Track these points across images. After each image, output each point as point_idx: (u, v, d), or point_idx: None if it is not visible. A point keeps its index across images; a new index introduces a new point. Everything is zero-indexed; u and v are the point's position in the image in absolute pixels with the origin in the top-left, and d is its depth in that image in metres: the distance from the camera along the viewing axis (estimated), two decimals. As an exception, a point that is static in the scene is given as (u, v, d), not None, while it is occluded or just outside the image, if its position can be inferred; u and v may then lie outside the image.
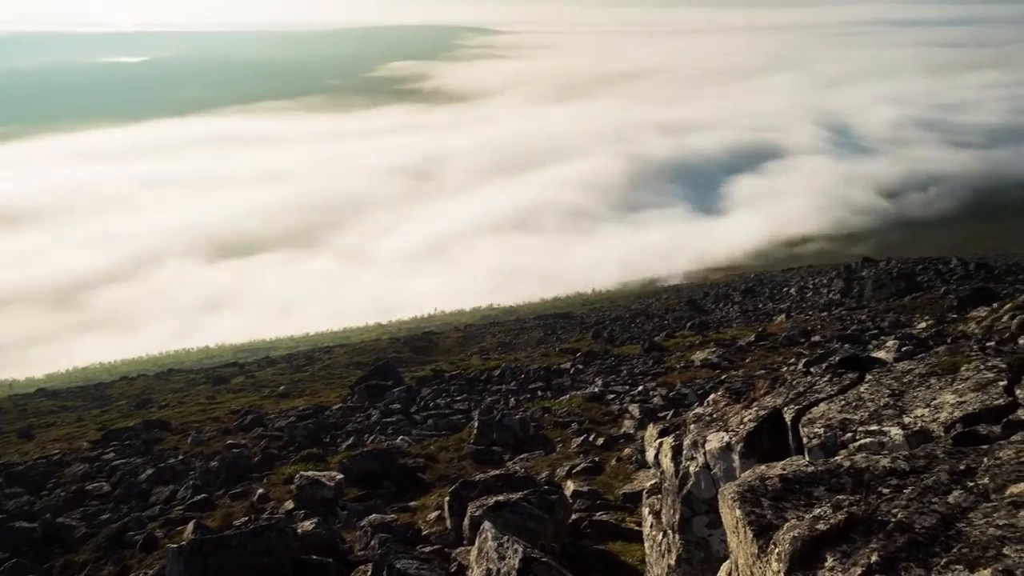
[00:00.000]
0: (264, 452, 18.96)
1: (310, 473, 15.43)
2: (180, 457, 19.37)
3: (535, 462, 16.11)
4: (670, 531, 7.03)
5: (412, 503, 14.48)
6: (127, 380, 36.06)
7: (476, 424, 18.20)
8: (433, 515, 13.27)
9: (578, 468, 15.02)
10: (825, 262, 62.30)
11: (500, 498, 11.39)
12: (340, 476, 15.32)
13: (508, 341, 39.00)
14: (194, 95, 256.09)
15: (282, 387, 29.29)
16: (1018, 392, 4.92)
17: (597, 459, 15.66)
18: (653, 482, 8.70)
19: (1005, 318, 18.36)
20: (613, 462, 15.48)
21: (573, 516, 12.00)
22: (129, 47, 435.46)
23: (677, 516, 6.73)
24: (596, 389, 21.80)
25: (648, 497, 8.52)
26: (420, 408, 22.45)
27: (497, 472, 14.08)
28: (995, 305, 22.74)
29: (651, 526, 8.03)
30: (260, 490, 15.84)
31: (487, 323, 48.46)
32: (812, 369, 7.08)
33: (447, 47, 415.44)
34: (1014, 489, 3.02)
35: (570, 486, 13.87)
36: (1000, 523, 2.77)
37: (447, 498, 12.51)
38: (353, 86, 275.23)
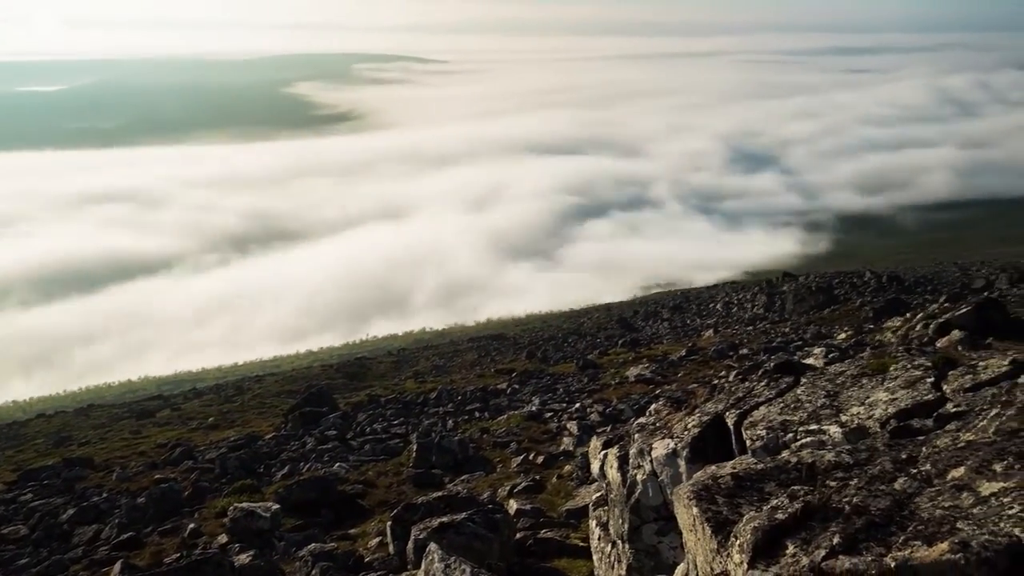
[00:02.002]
0: (195, 485, 18.28)
1: (244, 504, 14.94)
2: (104, 495, 18.49)
3: (476, 483, 16.02)
4: (619, 541, 7.10)
5: (352, 530, 14.20)
6: (44, 418, 34.30)
7: (415, 447, 18.01)
8: (375, 541, 13.04)
9: (519, 487, 15.00)
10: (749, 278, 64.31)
11: (444, 519, 11.28)
12: (276, 506, 14.88)
13: (443, 364, 38.78)
14: (91, 124, 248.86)
15: (211, 418, 28.36)
16: (945, 388, 5.19)
17: (538, 477, 15.67)
18: (599, 494, 8.78)
19: (919, 327, 19.30)
20: (554, 479, 15.52)
21: (517, 535, 11.97)
22: (45, 76, 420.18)
23: (626, 526, 6.81)
24: (533, 408, 21.88)
25: (595, 510, 8.59)
26: (356, 434, 22.07)
27: (439, 494, 13.95)
28: (908, 315, 23.88)
29: (599, 538, 8.10)
30: (192, 525, 15.25)
31: (420, 347, 48.11)
32: (751, 377, 7.30)
33: (362, 73, 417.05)
34: (955, 473, 3.19)
35: (513, 505, 13.84)
36: (946, 504, 2.92)
37: (389, 522, 12.32)
38: (265, 114, 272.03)
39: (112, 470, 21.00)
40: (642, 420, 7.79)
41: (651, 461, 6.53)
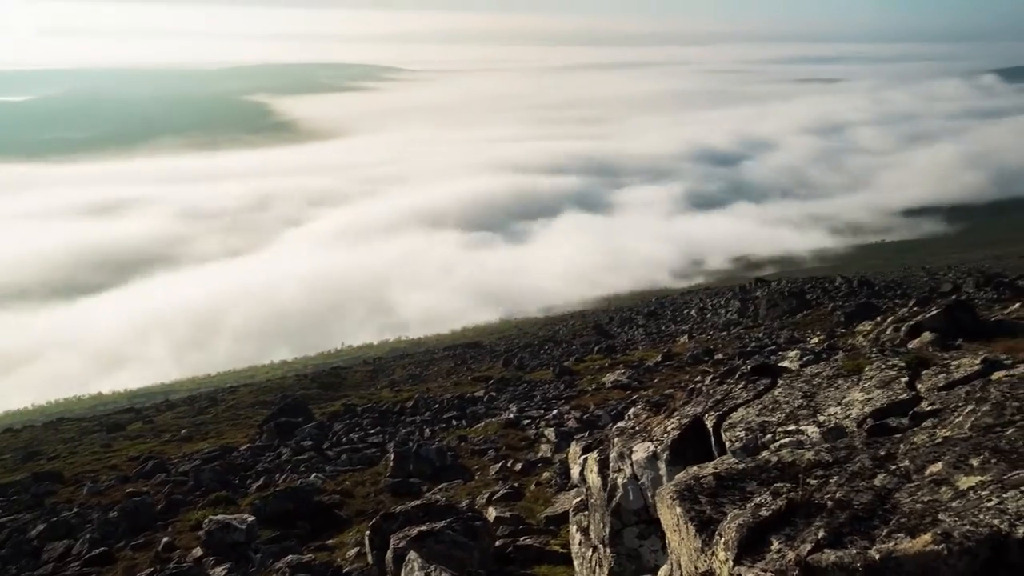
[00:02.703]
0: (168, 498, 18.02)
1: (219, 517, 14.75)
2: (75, 509, 18.14)
3: (455, 491, 15.96)
4: (600, 546, 7.10)
5: (330, 541, 14.07)
6: (11, 432, 33.61)
7: (392, 456, 17.91)
8: (353, 551, 12.93)
9: (498, 494, 14.97)
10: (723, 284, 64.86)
11: (423, 528, 11.22)
12: (252, 518, 14.71)
13: (419, 373, 38.63)
14: (59, 135, 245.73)
15: (184, 430, 27.97)
16: (919, 387, 5.28)
17: (516, 484, 15.65)
18: (579, 499, 8.78)
19: (889, 330, 19.62)
20: (533, 487, 15.51)
21: (497, 542, 11.94)
22: (12, 86, 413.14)
23: (607, 529, 6.81)
24: (511, 415, 21.85)
25: (575, 515, 8.59)
26: (333, 444, 21.91)
27: (418, 502, 13.87)
28: (879, 319, 24.25)
29: (580, 543, 8.10)
30: (165, 539, 15.02)
31: (396, 356, 47.90)
32: (728, 379, 7.36)
33: (329, 83, 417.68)
34: (933, 468, 3.24)
35: (492, 513, 13.80)
36: (926, 499, 2.97)
37: (367, 532, 12.22)
38: (233, 123, 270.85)
39: (83, 484, 20.62)
40: (621, 424, 7.82)
41: (631, 464, 6.55)
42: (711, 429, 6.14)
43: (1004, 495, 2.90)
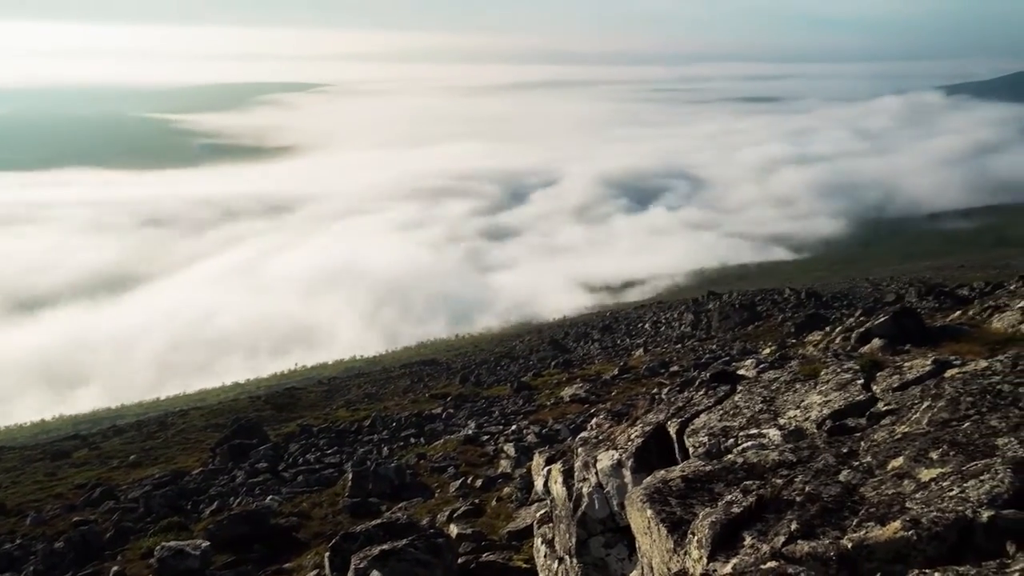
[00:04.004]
0: (117, 526, 17.46)
1: (172, 543, 14.36)
2: (18, 541, 17.46)
3: (415, 509, 15.80)
4: (566, 556, 7.10)
5: (287, 564, 13.78)
6: (-55, 463, 32.17)
7: (350, 476, 17.66)
8: (312, 574, 12.70)
9: (459, 511, 14.86)
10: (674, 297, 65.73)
11: (385, 547, 11.07)
12: (206, 543, 14.35)
13: (375, 391, 38.22)
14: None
15: (133, 456, 27.15)
16: (875, 388, 5.43)
17: (477, 501, 15.56)
18: (543, 511, 8.77)
19: (838, 339, 20.16)
20: (494, 502, 15.44)
21: (460, 559, 11.83)
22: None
23: (573, 540, 6.82)
24: (470, 431, 21.75)
25: (539, 527, 8.58)
26: (289, 465, 21.51)
27: (379, 521, 13.68)
28: (827, 329, 24.88)
29: (545, 555, 8.09)
30: (115, 568, 14.55)
31: (351, 375, 47.30)
32: (689, 387, 7.46)
33: (267, 101, 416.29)
34: (894, 463, 3.34)
35: (453, 530, 13.69)
36: (890, 492, 3.05)
37: (327, 553, 12.00)
38: (163, 144, 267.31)
39: (25, 515, 19.85)
40: (584, 434, 7.85)
41: (596, 473, 6.59)
42: (674, 436, 6.21)
43: (965, 484, 3.00)
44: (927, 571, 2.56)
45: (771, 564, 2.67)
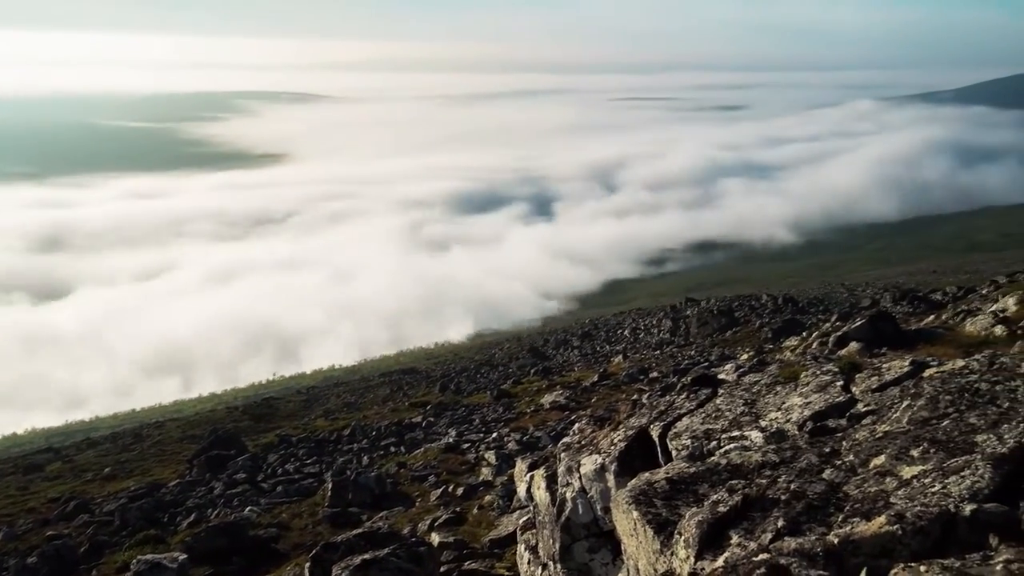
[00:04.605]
0: (92, 540, 17.18)
1: (148, 557, 14.12)
2: (-11, 557, 17.12)
3: (396, 518, 15.71)
4: (550, 562, 7.09)
5: (267, 576, 13.65)
6: (-86, 478, 31.47)
7: (329, 486, 17.53)
8: (292, 585, 12.57)
9: (440, 520, 14.80)
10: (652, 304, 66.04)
11: (367, 556, 10.99)
12: (183, 556, 14.13)
13: (354, 400, 37.98)
14: None
15: (108, 469, 26.72)
16: (854, 389, 5.50)
17: (459, 509, 15.51)
18: (526, 518, 8.76)
19: (815, 344, 20.41)
20: (475, 511, 15.39)
21: (442, 568, 11.80)
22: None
23: (557, 545, 6.81)
24: (450, 440, 21.70)
25: (522, 534, 8.57)
26: (267, 475, 21.31)
27: (360, 531, 13.58)
28: (804, 334, 25.14)
29: (528, 562, 8.07)
30: (90, 582, 14.32)
31: (330, 384, 46.97)
32: (671, 391, 7.50)
33: (246, 109, 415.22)
34: (876, 461, 3.38)
35: (435, 538, 13.63)
36: (873, 489, 3.09)
37: (308, 564, 11.88)
38: (153, 151, 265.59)
39: (-2, 529, 19.46)
40: (567, 439, 7.86)
41: (580, 478, 6.59)
42: (657, 439, 6.24)
43: (946, 480, 3.05)
44: (912, 565, 2.60)
45: (763, 556, 2.70)
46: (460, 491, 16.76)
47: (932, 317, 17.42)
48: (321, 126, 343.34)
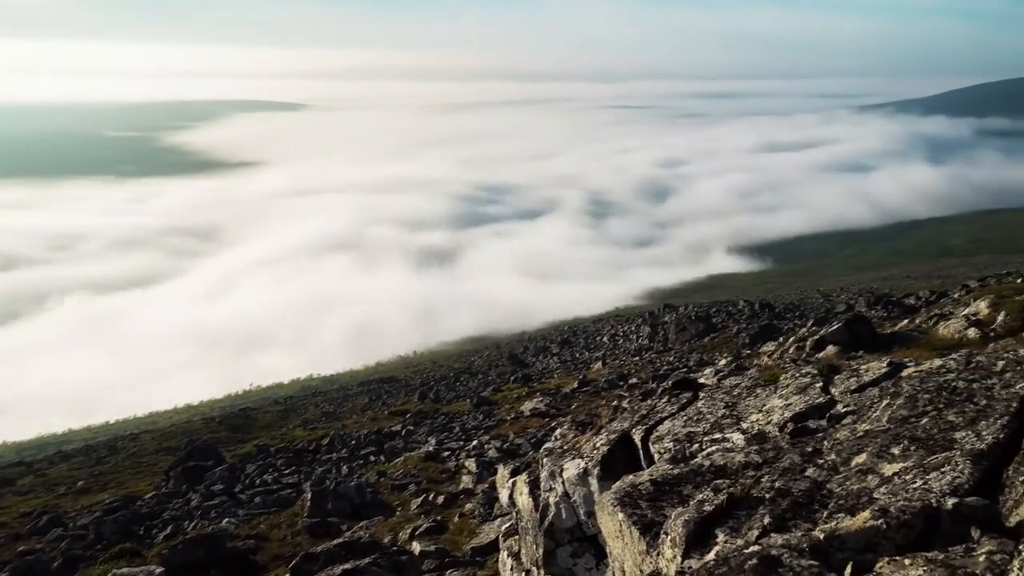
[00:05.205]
0: (66, 555, 16.86)
1: (124, 570, 13.94)
2: (-41, 573, 16.73)
3: (376, 528, 15.61)
4: (534, 568, 7.08)
5: (246, 587, 13.48)
6: None
7: (309, 496, 17.37)
8: (272, 596, 12.43)
9: (421, 528, 14.72)
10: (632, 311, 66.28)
11: (347, 566, 10.94)
12: (160, 569, 13.95)
13: (332, 410, 37.70)
14: None
15: (81, 482, 26.27)
16: (833, 391, 5.56)
17: (439, 518, 15.44)
18: (509, 524, 8.74)
19: (792, 349, 20.62)
20: (456, 519, 15.33)
21: (424, 576, 11.73)
22: None
23: (540, 550, 6.80)
24: (430, 448, 21.60)
25: (505, 540, 8.54)
26: (245, 486, 21.06)
27: (340, 540, 13.46)
28: (781, 340, 25.38)
29: (511, 568, 8.04)
30: (65, 597, 14.06)
31: (308, 394, 46.58)
32: (651, 397, 7.54)
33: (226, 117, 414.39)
34: (858, 460, 3.42)
35: (416, 547, 13.55)
36: (856, 487, 3.13)
37: (287, 575, 11.80)
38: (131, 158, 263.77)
39: (-33, 546, 19.05)
40: (549, 444, 7.86)
41: (563, 482, 6.60)
42: (639, 443, 6.26)
43: (927, 476, 3.09)
44: (897, 558, 2.63)
45: (754, 548, 2.72)
46: (441, 499, 16.69)
47: (906, 321, 17.67)
48: (299, 133, 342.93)
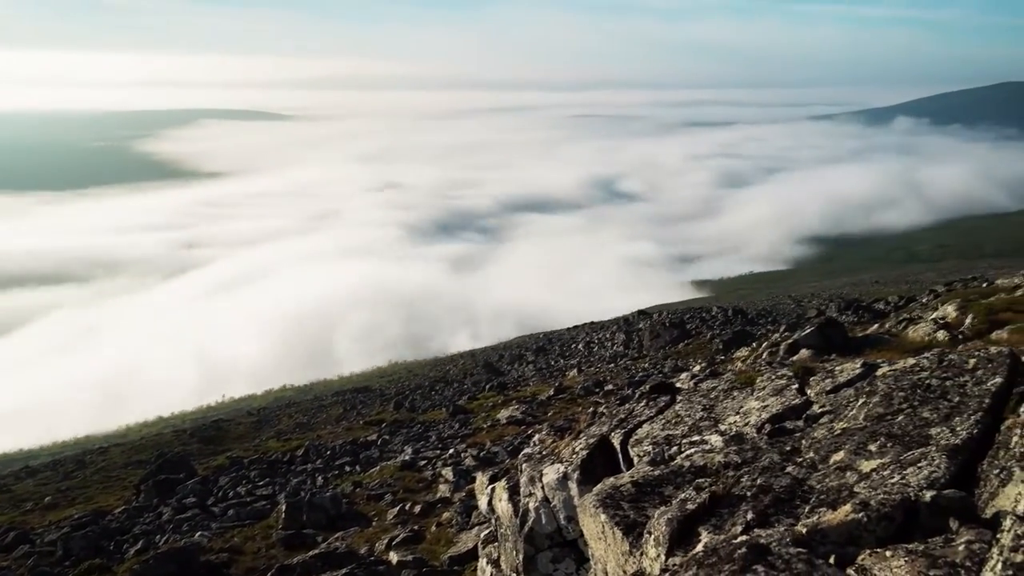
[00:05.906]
0: (33, 572, 16.51)
1: (95, 586, 13.68)
2: (-78, 593, 16.30)
3: (352, 538, 15.45)
4: (513, 574, 7.06)
5: (220, 601, 13.28)
6: None
7: (283, 508, 17.15)
8: (247, 609, 12.26)
9: (398, 538, 14.62)
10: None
11: (324, 577, 10.83)
12: (132, 584, 13.73)
13: (307, 421, 37.31)
14: None
15: (48, 498, 25.71)
16: (809, 392, 5.63)
17: (416, 527, 15.34)
18: (488, 531, 8.71)
19: (765, 354, 20.85)
20: (433, 528, 15.25)
21: (402, 585, 11.64)
22: None
23: (520, 556, 6.79)
24: (407, 457, 21.47)
25: (484, 547, 8.51)
26: (218, 499, 20.75)
27: (316, 552, 13.35)
28: (754, 345, 25.65)
29: (491, 575, 8.02)
30: (32, 615, 13.74)
31: (282, 405, 46.06)
32: (629, 401, 7.57)
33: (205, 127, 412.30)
34: (836, 457, 3.47)
35: (393, 557, 13.45)
36: (835, 483, 3.17)
37: (263, 587, 11.65)
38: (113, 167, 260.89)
39: (-70, 564, 18.55)
40: (528, 450, 7.85)
41: (542, 488, 6.59)
42: (618, 446, 6.28)
43: (904, 471, 3.14)
44: (879, 550, 2.67)
45: (743, 538, 2.74)
46: (418, 509, 16.59)
47: (876, 326, 17.94)
48: (274, 144, 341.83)
